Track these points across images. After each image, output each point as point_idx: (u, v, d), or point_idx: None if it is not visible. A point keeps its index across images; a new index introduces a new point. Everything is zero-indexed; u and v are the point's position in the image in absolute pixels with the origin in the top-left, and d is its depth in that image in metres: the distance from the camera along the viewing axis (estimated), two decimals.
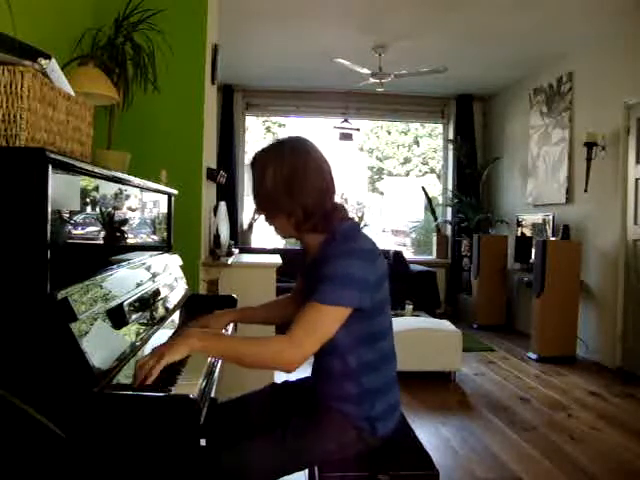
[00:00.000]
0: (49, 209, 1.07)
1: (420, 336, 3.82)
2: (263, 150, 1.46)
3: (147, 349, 1.39)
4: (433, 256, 6.85)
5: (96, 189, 1.38)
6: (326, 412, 1.41)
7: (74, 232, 1.24)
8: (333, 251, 1.35)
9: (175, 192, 2.19)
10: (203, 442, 1.50)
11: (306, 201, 1.38)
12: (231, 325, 1.94)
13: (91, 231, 1.35)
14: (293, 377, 1.66)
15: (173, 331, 1.67)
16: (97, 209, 1.39)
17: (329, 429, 1.39)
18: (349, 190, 8.82)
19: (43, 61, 1.29)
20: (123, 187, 1.59)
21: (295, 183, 1.37)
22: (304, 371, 1.62)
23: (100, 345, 1.16)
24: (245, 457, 1.31)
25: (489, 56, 5.22)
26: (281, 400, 1.57)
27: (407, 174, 9.85)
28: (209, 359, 1.45)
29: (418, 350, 3.75)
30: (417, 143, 9.85)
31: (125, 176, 1.57)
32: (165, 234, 2.15)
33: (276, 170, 1.38)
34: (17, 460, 1.04)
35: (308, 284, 1.42)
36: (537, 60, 5.24)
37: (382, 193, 9.91)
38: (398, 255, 5.94)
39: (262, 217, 1.48)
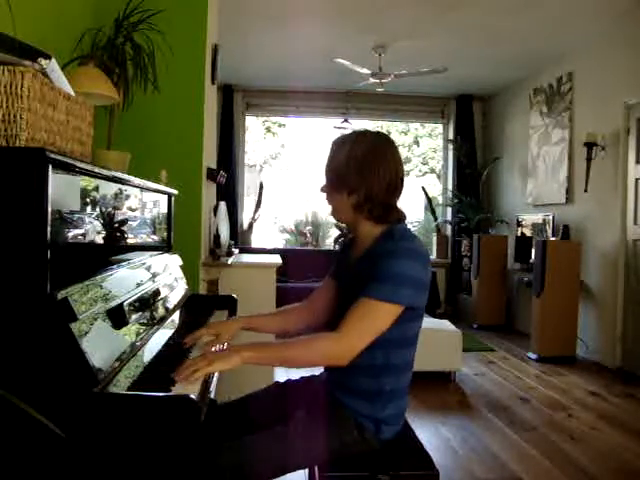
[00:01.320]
0: (49, 209, 1.07)
1: (420, 336, 3.81)
2: (347, 133, 1.51)
3: (147, 349, 1.39)
4: (433, 256, 6.84)
5: (96, 189, 1.38)
6: (332, 407, 1.41)
7: (74, 232, 1.24)
8: (392, 248, 1.36)
9: (175, 192, 2.19)
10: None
11: (372, 184, 1.41)
12: None
13: (91, 231, 1.34)
14: (297, 375, 1.66)
15: (174, 331, 1.67)
16: (97, 209, 1.39)
17: (332, 427, 1.38)
18: None
19: (43, 61, 1.29)
20: (123, 187, 1.58)
21: (367, 165, 1.41)
22: (310, 370, 1.61)
23: (100, 345, 1.16)
24: (245, 454, 1.30)
25: (489, 56, 5.23)
26: (284, 399, 1.56)
27: (407, 174, 9.83)
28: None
29: (418, 350, 3.66)
30: (417, 143, 9.82)
31: (125, 176, 1.57)
32: (165, 234, 2.15)
33: (354, 148, 1.43)
34: (17, 460, 1.04)
35: (357, 276, 1.41)
36: (537, 60, 5.24)
37: None
38: None
39: (324, 195, 1.51)
